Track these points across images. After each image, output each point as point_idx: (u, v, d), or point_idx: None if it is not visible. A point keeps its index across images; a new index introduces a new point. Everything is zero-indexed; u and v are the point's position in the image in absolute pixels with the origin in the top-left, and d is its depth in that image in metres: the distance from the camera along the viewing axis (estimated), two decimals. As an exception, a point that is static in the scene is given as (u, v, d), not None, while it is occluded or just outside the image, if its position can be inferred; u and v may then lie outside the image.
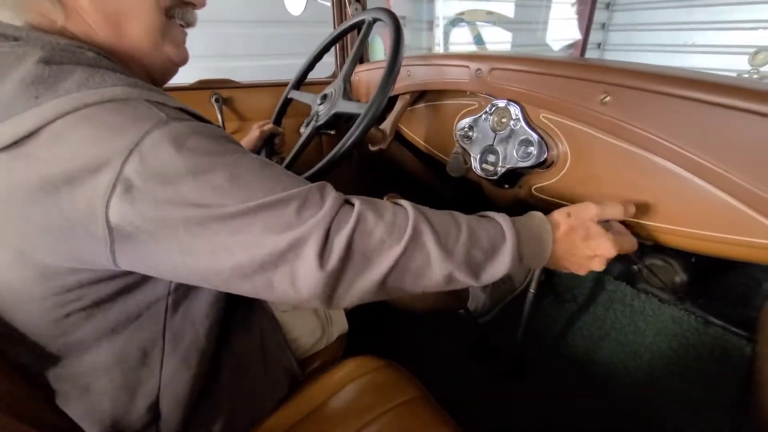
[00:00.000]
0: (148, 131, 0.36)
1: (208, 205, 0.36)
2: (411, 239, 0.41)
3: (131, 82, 0.39)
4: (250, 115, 1.09)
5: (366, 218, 0.41)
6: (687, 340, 0.89)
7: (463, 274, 0.43)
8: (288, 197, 0.39)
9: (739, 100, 0.40)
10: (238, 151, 0.41)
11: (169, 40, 0.51)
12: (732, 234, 0.46)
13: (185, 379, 0.55)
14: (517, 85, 0.65)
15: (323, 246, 0.38)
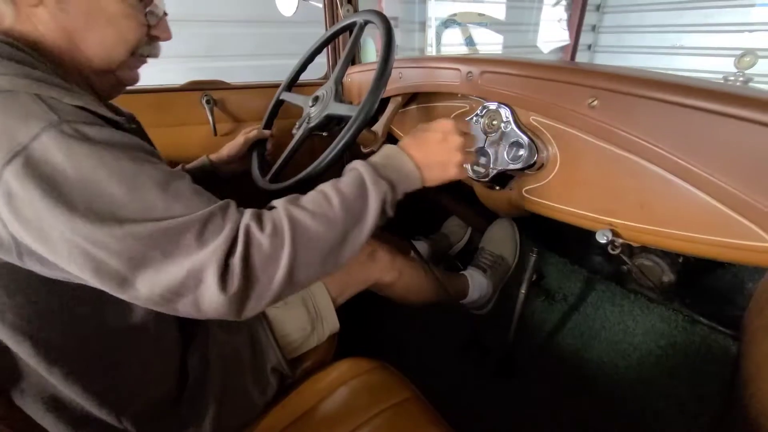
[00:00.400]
0: (36, 134, 0.33)
1: (101, 220, 0.35)
2: (293, 232, 0.42)
3: (26, 72, 0.37)
4: (242, 116, 1.08)
5: (253, 233, 0.41)
6: (675, 339, 0.90)
7: (354, 228, 0.47)
8: (188, 222, 0.38)
9: (723, 105, 0.41)
10: (140, 160, 0.39)
11: (125, 68, 0.51)
12: (716, 236, 0.47)
13: (168, 381, 0.55)
14: (508, 88, 0.66)
15: (223, 271, 0.38)
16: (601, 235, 0.60)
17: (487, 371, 1.04)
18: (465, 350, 1.10)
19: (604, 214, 0.61)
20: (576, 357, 1.03)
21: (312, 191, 0.50)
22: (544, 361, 1.04)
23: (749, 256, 0.45)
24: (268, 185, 0.82)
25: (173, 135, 1.01)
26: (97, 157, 0.35)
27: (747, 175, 0.41)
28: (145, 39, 0.51)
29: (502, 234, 1.20)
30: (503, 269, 1.15)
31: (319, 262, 0.44)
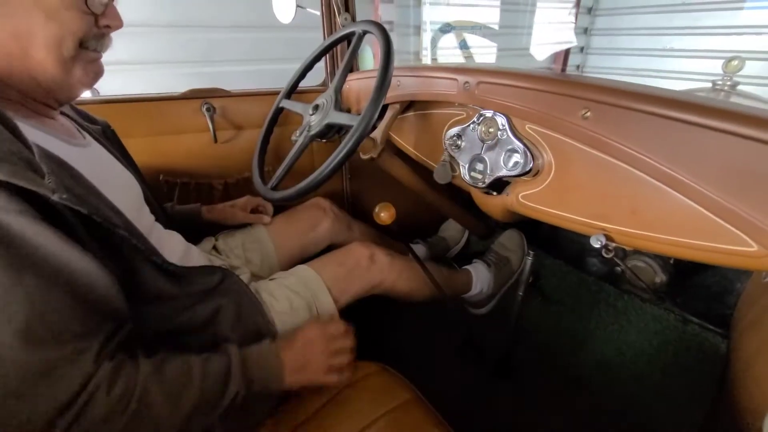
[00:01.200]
0: None
1: None
2: (138, 404, 0.42)
3: None
4: (242, 123, 1.09)
5: (96, 396, 0.40)
6: (667, 338, 0.93)
7: (199, 415, 0.48)
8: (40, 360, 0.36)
9: (707, 118, 0.44)
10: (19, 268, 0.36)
11: (79, 66, 0.50)
12: (703, 240, 0.49)
13: None
14: (504, 98, 0.68)
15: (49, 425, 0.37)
16: (595, 239, 0.62)
17: (485, 372, 1.06)
18: (463, 352, 1.12)
19: (597, 219, 0.63)
20: (572, 356, 1.05)
21: (179, 362, 0.49)
22: (541, 361, 1.07)
23: (735, 260, 0.48)
24: (270, 193, 0.83)
25: (174, 143, 1.02)
26: None
27: (729, 184, 0.43)
28: (95, 30, 0.50)
29: (510, 242, 1.24)
30: (507, 271, 1.18)
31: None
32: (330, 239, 1.03)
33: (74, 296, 0.40)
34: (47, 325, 0.37)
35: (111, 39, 0.54)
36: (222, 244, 0.90)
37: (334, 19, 1.12)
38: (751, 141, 0.42)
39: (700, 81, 2.86)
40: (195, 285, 0.61)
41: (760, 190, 0.42)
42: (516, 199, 0.76)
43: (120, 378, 0.42)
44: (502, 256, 1.19)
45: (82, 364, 0.39)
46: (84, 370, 0.39)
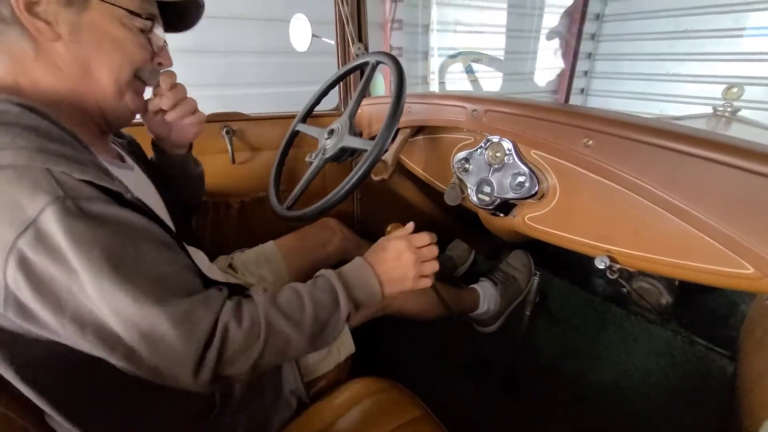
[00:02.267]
0: (42, 209, 0.37)
1: (94, 292, 0.38)
2: (267, 334, 0.47)
3: (41, 145, 0.39)
4: (259, 145, 1.14)
5: (230, 331, 0.45)
6: (674, 359, 0.93)
7: (319, 336, 0.52)
8: (169, 313, 0.41)
9: (703, 149, 0.47)
10: (131, 239, 0.41)
11: (130, 93, 0.56)
12: (702, 263, 0.52)
13: (197, 397, 0.58)
14: (510, 126, 0.72)
15: (198, 363, 0.42)
16: (599, 261, 0.65)
17: (493, 390, 1.07)
18: (470, 370, 1.12)
19: (601, 241, 0.66)
20: (579, 377, 1.05)
21: (288, 291, 0.54)
22: (548, 380, 1.07)
23: (733, 281, 0.50)
24: (286, 213, 0.87)
25: (194, 163, 1.07)
26: (92, 235, 0.38)
27: (725, 211, 0.46)
28: (150, 65, 0.57)
29: (518, 261, 1.27)
30: (514, 290, 1.20)
31: (281, 359, 0.50)
32: (339, 258, 1.06)
33: (177, 257, 0.47)
34: (168, 282, 0.43)
35: (159, 76, 0.61)
36: (237, 262, 0.93)
37: (348, 48, 1.18)
38: (743, 171, 0.45)
39: (702, 105, 2.90)
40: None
41: (753, 217, 0.45)
42: (522, 220, 0.79)
43: (244, 312, 0.47)
44: (510, 275, 1.21)
45: (210, 305, 0.45)
46: (212, 309, 0.45)
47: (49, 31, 0.46)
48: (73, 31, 0.48)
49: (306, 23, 1.19)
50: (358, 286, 0.58)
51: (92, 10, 0.48)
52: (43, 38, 0.47)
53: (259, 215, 1.15)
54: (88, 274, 0.38)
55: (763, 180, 0.42)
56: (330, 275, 0.57)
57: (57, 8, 0.46)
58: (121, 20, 0.51)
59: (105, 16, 0.49)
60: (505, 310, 1.18)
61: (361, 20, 1.16)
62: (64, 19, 0.47)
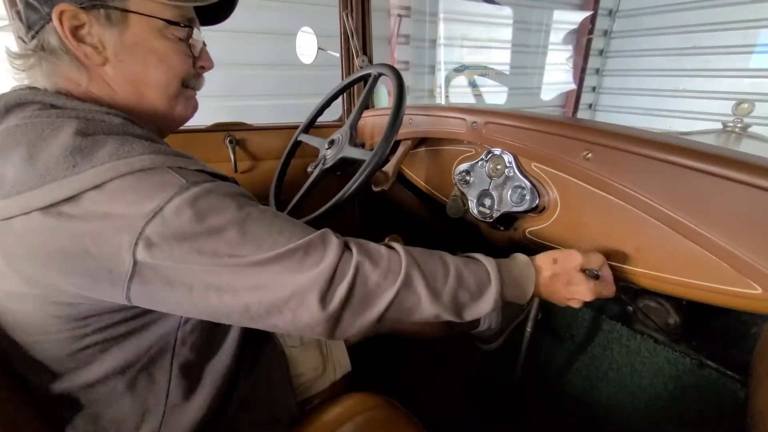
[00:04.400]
0: (171, 198, 0.41)
1: (221, 256, 0.42)
2: (403, 283, 0.46)
3: (156, 149, 0.44)
4: (261, 155, 1.15)
5: (363, 266, 0.45)
6: (683, 383, 0.90)
7: (449, 313, 0.50)
8: (293, 249, 0.43)
9: (704, 164, 0.45)
10: (248, 205, 0.46)
11: (180, 102, 0.57)
12: (707, 281, 0.49)
13: (189, 412, 0.57)
14: (510, 138, 0.71)
15: (325, 293, 0.43)
16: None
17: (494, 411, 1.03)
18: (472, 389, 1.09)
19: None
20: (584, 398, 1.02)
21: (435, 258, 0.52)
22: (552, 401, 1.03)
23: (740, 302, 0.48)
24: (284, 222, 0.87)
25: (197, 172, 1.08)
26: (216, 209, 0.42)
27: (729, 228, 0.44)
28: (193, 71, 0.58)
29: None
30: (515, 307, 1.15)
31: (406, 319, 0.49)
32: None
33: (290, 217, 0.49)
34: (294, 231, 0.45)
35: (204, 79, 0.62)
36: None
37: (352, 61, 1.19)
38: (750, 187, 0.43)
39: (711, 121, 2.87)
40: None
41: (760, 235, 0.43)
42: (523, 234, 0.78)
43: (380, 256, 0.48)
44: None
45: (331, 243, 0.46)
46: (336, 246, 0.46)
47: (96, 55, 0.48)
48: (119, 51, 0.49)
49: (312, 36, 1.21)
50: (513, 286, 0.54)
51: (133, 26, 0.49)
52: (92, 63, 0.49)
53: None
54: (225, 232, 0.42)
55: (752, 192, 0.41)
56: (489, 265, 0.53)
57: (100, 30, 0.47)
58: (161, 32, 0.51)
59: (146, 30, 0.50)
60: (507, 327, 1.15)
61: (366, 34, 1.18)
62: (109, 41, 0.48)
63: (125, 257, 0.40)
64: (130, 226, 0.39)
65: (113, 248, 0.40)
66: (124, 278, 0.41)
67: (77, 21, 0.46)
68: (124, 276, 0.40)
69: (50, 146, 0.41)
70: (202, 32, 0.58)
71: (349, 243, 0.48)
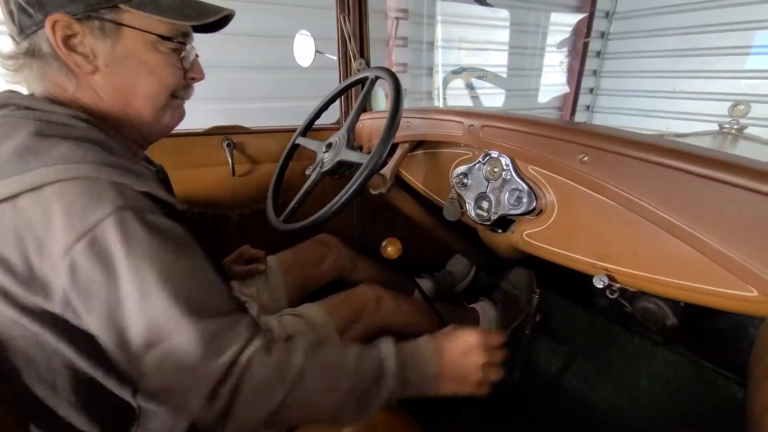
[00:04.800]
0: (101, 219, 0.40)
1: (136, 297, 0.40)
2: (296, 381, 0.45)
3: (105, 159, 0.43)
4: (259, 158, 1.15)
5: (254, 362, 0.44)
6: (681, 384, 0.90)
7: (348, 410, 0.49)
8: (202, 326, 0.42)
9: (698, 167, 0.46)
10: (179, 252, 0.44)
11: (168, 112, 0.58)
12: (703, 284, 0.50)
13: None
14: (506, 141, 0.71)
15: (213, 390, 0.42)
16: (598, 280, 0.63)
17: (493, 412, 1.03)
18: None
19: (600, 260, 0.64)
20: (583, 400, 1.02)
21: (334, 349, 0.52)
22: (551, 402, 1.03)
23: (737, 304, 0.48)
24: (282, 225, 0.87)
25: (195, 175, 1.08)
26: (147, 244, 0.41)
27: (724, 231, 0.44)
28: (183, 82, 0.58)
29: (519, 280, 1.23)
30: (514, 310, 1.16)
31: (303, 418, 0.49)
32: (334, 274, 1.06)
33: (215, 276, 0.48)
34: (205, 298, 0.44)
35: (193, 89, 0.62)
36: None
37: (350, 64, 1.20)
38: (745, 191, 0.43)
39: (708, 122, 2.88)
40: None
41: (755, 238, 0.43)
42: (521, 237, 0.78)
43: (276, 346, 0.46)
44: (510, 294, 1.18)
45: (239, 330, 0.45)
46: (241, 336, 0.44)
47: (86, 64, 0.49)
48: (110, 62, 0.49)
49: (310, 39, 1.21)
50: (414, 366, 0.54)
51: (126, 39, 0.49)
52: (82, 72, 0.49)
53: (258, 228, 1.15)
54: (132, 279, 0.40)
55: (761, 198, 0.41)
56: (388, 348, 0.54)
57: (93, 41, 0.48)
58: (154, 45, 0.51)
59: (138, 43, 0.50)
60: (506, 331, 1.15)
61: (363, 37, 1.18)
62: (101, 51, 0.49)
63: (54, 271, 0.40)
64: (61, 239, 0.39)
65: (45, 258, 0.40)
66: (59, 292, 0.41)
67: (70, 31, 0.46)
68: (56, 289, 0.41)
69: (6, 146, 0.42)
70: (194, 47, 0.59)
71: (251, 337, 0.46)
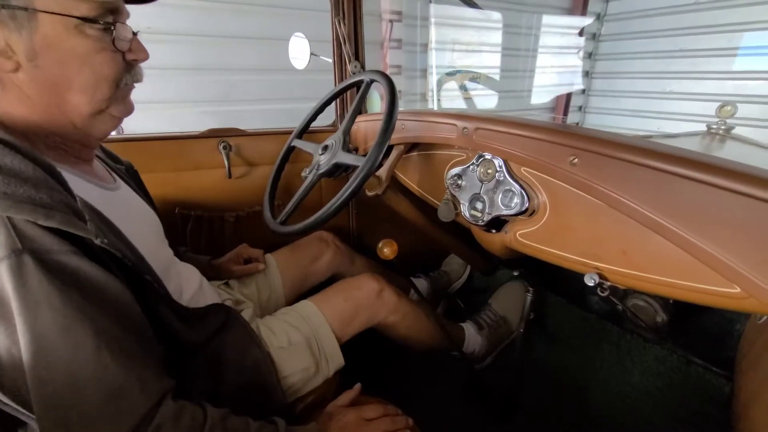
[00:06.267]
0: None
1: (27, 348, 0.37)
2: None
3: (5, 190, 0.38)
4: (256, 160, 1.16)
5: (164, 427, 0.42)
6: (671, 380, 0.92)
7: None
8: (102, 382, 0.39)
9: (682, 168, 0.47)
10: (83, 301, 0.40)
11: (113, 105, 0.52)
12: (689, 281, 0.51)
13: None
14: (499, 143, 0.73)
15: None
16: (588, 278, 0.65)
17: (489, 412, 1.05)
18: (467, 390, 1.10)
19: (590, 259, 0.66)
20: (577, 397, 1.04)
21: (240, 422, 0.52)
22: (546, 401, 1.05)
23: (721, 300, 0.50)
24: (279, 228, 0.87)
25: (191, 178, 1.08)
26: (45, 294, 0.38)
27: (708, 230, 0.46)
28: (123, 67, 0.51)
29: (511, 297, 1.20)
30: (503, 332, 1.14)
31: None
32: (332, 271, 1.06)
33: (127, 323, 0.44)
34: (112, 349, 0.41)
35: (141, 68, 0.55)
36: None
37: (345, 67, 1.21)
38: (726, 191, 0.45)
39: (699, 123, 2.93)
40: (204, 325, 0.64)
41: (735, 237, 0.45)
42: (514, 237, 0.79)
43: (185, 416, 0.45)
44: (499, 316, 1.15)
45: (148, 390, 0.42)
46: (151, 394, 0.42)
47: (6, 62, 0.45)
48: (31, 55, 0.45)
49: (305, 42, 1.22)
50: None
51: (44, 26, 0.44)
52: (2, 71, 0.45)
53: (255, 229, 1.16)
54: (29, 330, 0.37)
55: (742, 199, 0.43)
56: (280, 429, 0.56)
57: (7, 33, 0.43)
58: (78, 29, 0.46)
59: (59, 29, 0.45)
60: (494, 351, 1.13)
61: (358, 40, 1.19)
62: (18, 44, 0.44)
63: None
64: None
65: None
66: None
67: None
68: None
69: None
70: (128, 24, 0.51)
71: (159, 402, 0.44)
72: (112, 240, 0.45)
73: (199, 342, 0.62)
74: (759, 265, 0.43)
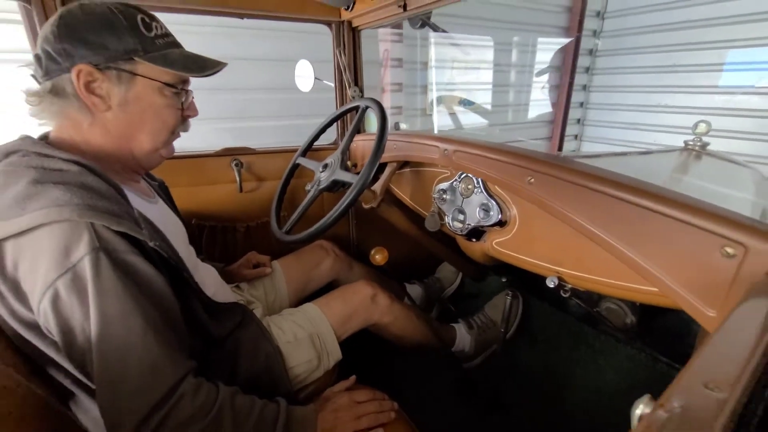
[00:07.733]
0: (82, 257, 0.47)
1: (99, 329, 0.48)
2: (214, 420, 0.54)
3: (90, 203, 0.49)
4: (264, 176, 1.28)
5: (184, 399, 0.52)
6: (639, 376, 1.00)
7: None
8: (149, 360, 0.50)
9: (615, 190, 0.57)
10: (142, 294, 0.51)
11: (165, 147, 0.68)
12: (620, 281, 0.62)
13: None
14: (473, 164, 0.84)
15: (145, 417, 0.49)
16: (549, 280, 0.75)
17: (478, 407, 1.13)
18: (456, 387, 1.19)
19: (553, 264, 0.76)
20: (557, 394, 1.12)
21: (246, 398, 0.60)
22: (529, 398, 1.14)
23: (649, 298, 0.60)
24: (284, 236, 0.99)
25: (207, 192, 1.21)
26: (113, 284, 0.49)
27: (628, 239, 0.56)
28: (180, 120, 0.67)
29: (504, 305, 1.26)
30: (492, 335, 1.22)
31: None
32: (332, 276, 1.17)
33: (169, 314, 0.56)
34: (155, 334, 0.52)
35: (190, 123, 0.72)
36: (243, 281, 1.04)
37: (345, 91, 1.33)
38: (635, 206, 0.55)
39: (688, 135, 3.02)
40: (225, 319, 0.75)
41: (647, 243, 0.55)
42: (491, 245, 0.90)
43: (202, 390, 0.55)
44: (490, 319, 1.24)
45: (176, 368, 0.53)
46: (178, 370, 0.53)
47: (102, 104, 0.59)
48: (122, 103, 0.60)
49: (309, 67, 1.34)
50: (297, 422, 0.65)
51: (138, 85, 0.60)
52: (97, 110, 0.59)
53: (263, 238, 1.27)
54: (98, 310, 0.48)
55: (643, 212, 0.53)
56: (282, 408, 0.64)
57: (110, 86, 0.58)
58: (160, 91, 0.62)
59: (147, 88, 0.61)
60: (483, 352, 1.20)
61: (357, 68, 1.32)
62: (116, 94, 0.59)
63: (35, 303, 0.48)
64: (48, 271, 0.47)
65: (28, 289, 0.48)
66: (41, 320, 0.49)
67: (91, 78, 0.56)
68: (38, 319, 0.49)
69: (10, 191, 0.49)
70: (191, 90, 0.68)
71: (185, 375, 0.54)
72: (160, 243, 0.57)
73: (222, 335, 0.72)
74: (670, 269, 0.53)
